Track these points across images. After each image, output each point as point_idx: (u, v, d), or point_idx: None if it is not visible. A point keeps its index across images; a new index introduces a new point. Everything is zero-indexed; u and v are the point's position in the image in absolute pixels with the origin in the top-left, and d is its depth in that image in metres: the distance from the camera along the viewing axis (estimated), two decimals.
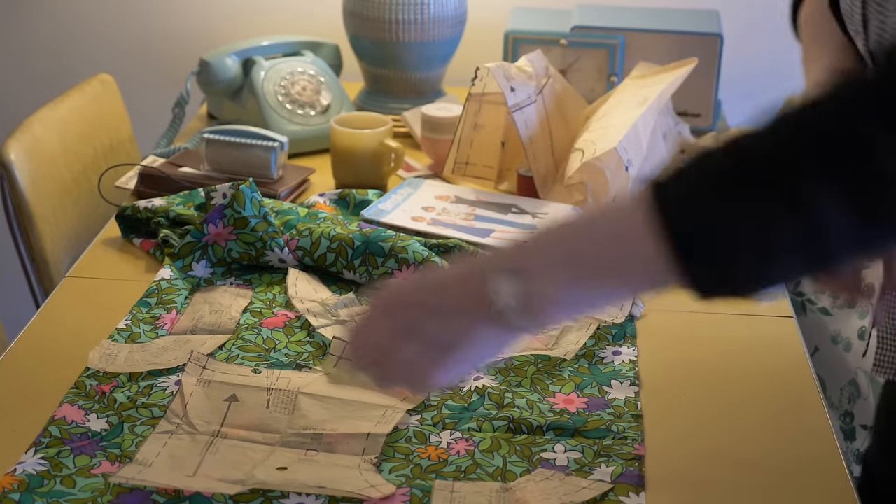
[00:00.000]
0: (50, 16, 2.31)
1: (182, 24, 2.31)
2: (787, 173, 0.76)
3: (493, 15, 2.19)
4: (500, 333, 0.89)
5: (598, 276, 0.85)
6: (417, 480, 1.09)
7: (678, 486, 1.11)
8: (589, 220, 0.87)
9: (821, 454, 1.16)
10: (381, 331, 0.93)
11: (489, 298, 0.87)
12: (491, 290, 0.86)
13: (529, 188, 1.67)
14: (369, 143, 1.72)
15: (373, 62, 2.01)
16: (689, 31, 1.96)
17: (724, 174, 0.79)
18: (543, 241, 0.88)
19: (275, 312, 1.38)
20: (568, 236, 0.87)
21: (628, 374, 1.28)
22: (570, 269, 0.85)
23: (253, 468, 1.09)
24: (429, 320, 0.90)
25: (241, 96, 1.93)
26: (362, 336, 0.95)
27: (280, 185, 1.67)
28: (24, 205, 1.70)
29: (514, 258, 0.88)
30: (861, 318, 1.53)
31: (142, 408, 1.18)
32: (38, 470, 1.08)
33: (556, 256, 0.86)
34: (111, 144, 1.95)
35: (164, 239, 1.50)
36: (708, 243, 0.78)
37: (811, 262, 0.79)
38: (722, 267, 0.79)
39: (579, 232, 0.87)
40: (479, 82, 1.69)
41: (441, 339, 0.90)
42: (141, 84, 2.30)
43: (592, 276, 0.85)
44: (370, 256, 1.44)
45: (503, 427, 1.17)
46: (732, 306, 1.43)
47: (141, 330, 1.33)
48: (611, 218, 0.85)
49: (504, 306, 0.86)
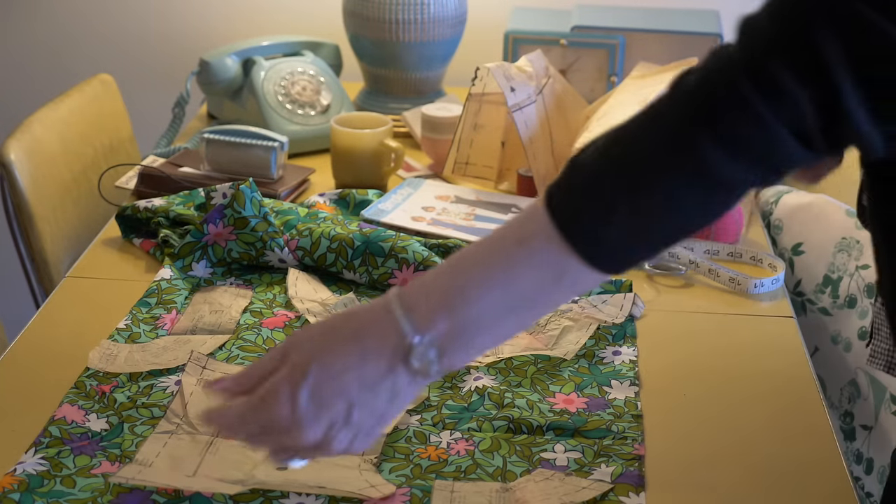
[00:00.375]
0: (50, 16, 2.31)
1: (182, 24, 2.31)
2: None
3: (493, 15, 2.19)
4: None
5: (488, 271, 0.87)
6: (417, 480, 1.09)
7: (678, 486, 1.11)
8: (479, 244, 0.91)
9: (821, 454, 1.16)
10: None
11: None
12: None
13: (529, 188, 1.67)
14: (369, 143, 1.72)
15: (373, 62, 2.01)
16: (689, 31, 1.96)
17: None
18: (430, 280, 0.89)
19: (275, 312, 1.38)
20: (457, 260, 0.90)
21: (628, 374, 1.28)
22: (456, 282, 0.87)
23: (253, 468, 1.09)
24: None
25: (241, 96, 1.93)
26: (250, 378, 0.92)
27: (280, 185, 1.67)
28: (24, 205, 1.70)
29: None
30: (861, 318, 1.53)
31: (142, 408, 1.18)
32: (38, 470, 1.08)
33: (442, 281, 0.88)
34: (111, 144, 1.95)
35: (164, 239, 1.50)
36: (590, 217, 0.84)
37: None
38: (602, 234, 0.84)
39: (469, 251, 0.90)
40: (479, 82, 1.69)
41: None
42: (141, 84, 2.30)
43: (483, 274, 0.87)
44: (370, 256, 1.44)
45: (503, 427, 1.17)
46: (733, 306, 1.43)
47: (141, 330, 1.33)
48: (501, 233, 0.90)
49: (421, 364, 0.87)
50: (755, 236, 1.63)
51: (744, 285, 1.47)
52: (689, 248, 1.54)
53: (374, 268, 1.44)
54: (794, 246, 1.64)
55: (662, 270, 1.51)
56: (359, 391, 0.87)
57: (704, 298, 1.46)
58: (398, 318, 0.87)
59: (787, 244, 1.65)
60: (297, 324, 1.36)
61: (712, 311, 1.43)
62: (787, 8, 0.79)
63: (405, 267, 1.43)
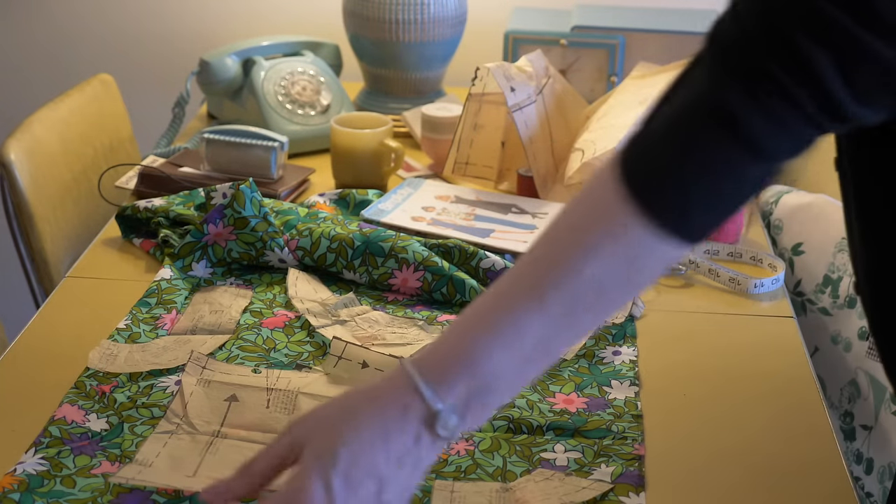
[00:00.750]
0: (51, 16, 2.31)
1: (182, 25, 2.31)
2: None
3: (493, 15, 2.19)
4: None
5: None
6: None
7: (678, 486, 1.11)
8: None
9: (821, 454, 1.16)
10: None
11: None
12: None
13: (529, 188, 1.67)
14: (369, 143, 1.72)
15: (373, 62, 2.01)
16: (689, 31, 1.96)
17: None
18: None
19: (275, 312, 1.38)
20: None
21: (628, 374, 1.28)
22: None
23: None
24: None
25: (241, 96, 1.93)
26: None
27: (280, 185, 1.67)
28: (24, 205, 1.70)
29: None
30: (861, 318, 1.53)
31: (142, 408, 1.18)
32: (38, 470, 1.08)
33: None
34: (111, 144, 1.95)
35: (164, 239, 1.50)
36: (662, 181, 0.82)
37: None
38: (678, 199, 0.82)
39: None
40: (479, 82, 1.69)
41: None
42: (141, 84, 2.30)
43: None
44: (370, 256, 1.44)
45: (503, 427, 1.17)
46: (733, 306, 1.43)
47: (141, 330, 1.33)
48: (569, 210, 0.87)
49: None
50: (755, 236, 1.63)
51: (744, 285, 1.47)
52: None
53: (374, 268, 1.44)
54: (794, 246, 1.64)
55: None
56: (387, 466, 0.86)
57: (704, 298, 1.46)
58: (419, 387, 0.85)
59: (787, 244, 1.65)
60: (297, 324, 1.36)
61: (712, 311, 1.43)
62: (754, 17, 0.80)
63: (405, 267, 1.43)
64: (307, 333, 1.34)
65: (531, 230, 1.56)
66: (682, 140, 0.82)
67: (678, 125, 0.82)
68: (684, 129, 0.82)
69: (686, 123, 0.82)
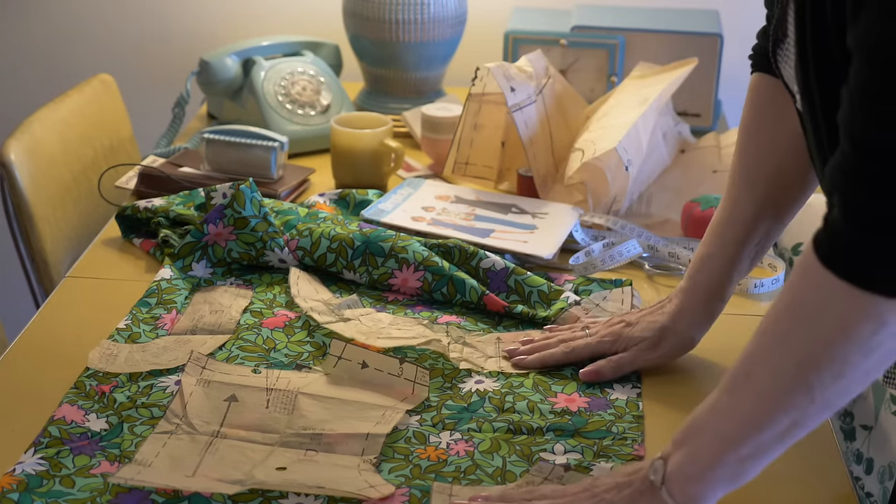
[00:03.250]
0: (51, 16, 2.31)
1: (182, 25, 2.31)
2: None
3: (493, 15, 2.19)
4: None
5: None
6: (417, 481, 1.09)
7: None
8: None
9: (821, 454, 1.16)
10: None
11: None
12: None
13: (529, 188, 1.67)
14: (369, 143, 1.72)
15: (373, 62, 2.01)
16: (689, 31, 1.96)
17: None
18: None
19: (275, 312, 1.38)
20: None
21: (630, 375, 1.28)
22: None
23: (252, 468, 1.09)
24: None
25: (241, 96, 1.93)
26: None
27: (280, 185, 1.67)
28: (24, 205, 1.70)
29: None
30: None
31: (141, 408, 1.18)
32: (38, 470, 1.08)
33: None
34: (111, 144, 1.95)
35: (164, 239, 1.50)
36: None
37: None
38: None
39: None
40: (479, 82, 1.69)
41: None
42: (141, 84, 2.30)
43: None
44: (370, 256, 1.44)
45: (503, 428, 1.17)
46: (733, 306, 1.43)
47: (141, 330, 1.33)
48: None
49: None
50: None
51: (744, 285, 1.46)
52: (688, 248, 1.54)
53: (374, 268, 1.44)
54: (794, 246, 1.64)
55: (662, 270, 1.51)
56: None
57: None
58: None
59: (787, 244, 1.65)
60: (298, 324, 1.36)
61: None
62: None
63: (405, 267, 1.43)
64: (307, 333, 1.34)
65: (531, 230, 1.56)
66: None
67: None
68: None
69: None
